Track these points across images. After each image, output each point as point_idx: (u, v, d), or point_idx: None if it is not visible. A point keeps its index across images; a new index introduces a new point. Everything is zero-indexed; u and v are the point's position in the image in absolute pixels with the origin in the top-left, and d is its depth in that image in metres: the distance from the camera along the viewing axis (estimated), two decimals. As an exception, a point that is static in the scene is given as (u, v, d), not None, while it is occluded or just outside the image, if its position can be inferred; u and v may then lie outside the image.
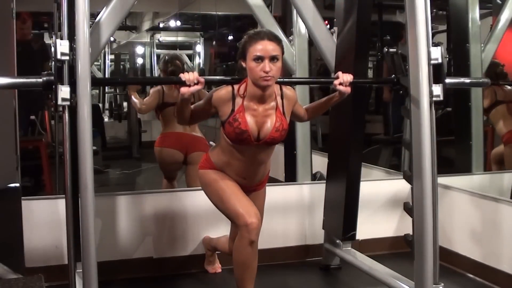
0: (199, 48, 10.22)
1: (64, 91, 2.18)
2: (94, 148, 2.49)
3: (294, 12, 3.95)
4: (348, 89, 2.62)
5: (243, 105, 2.55)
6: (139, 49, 10.46)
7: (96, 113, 6.99)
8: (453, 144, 4.48)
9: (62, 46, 2.18)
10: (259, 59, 2.46)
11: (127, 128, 8.06)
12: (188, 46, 10.37)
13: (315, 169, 4.22)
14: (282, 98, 2.62)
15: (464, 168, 4.26)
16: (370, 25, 3.34)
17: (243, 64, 2.53)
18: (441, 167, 2.72)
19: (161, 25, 9.61)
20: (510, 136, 4.54)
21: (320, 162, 4.09)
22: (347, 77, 2.61)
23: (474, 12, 4.24)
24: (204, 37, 10.08)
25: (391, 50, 2.79)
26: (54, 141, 4.95)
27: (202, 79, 2.45)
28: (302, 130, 4.16)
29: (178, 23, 9.51)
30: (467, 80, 3.60)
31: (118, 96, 9.34)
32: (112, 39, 8.73)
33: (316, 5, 3.32)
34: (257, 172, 2.71)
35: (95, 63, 9.26)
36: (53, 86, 2.18)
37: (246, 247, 2.55)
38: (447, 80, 2.58)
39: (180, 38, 10.19)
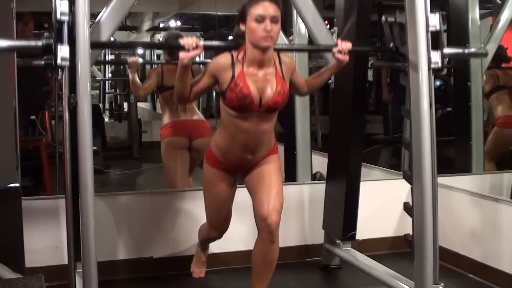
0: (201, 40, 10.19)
1: (63, 51, 2.17)
2: (94, 148, 2.49)
3: (294, 12, 3.94)
4: (346, 58, 2.63)
5: (243, 70, 2.54)
6: (139, 49, 10.44)
7: (96, 113, 6.99)
8: (453, 144, 4.48)
9: (61, 6, 2.17)
10: (260, 19, 2.46)
11: (127, 128, 8.05)
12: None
13: (315, 169, 4.22)
14: (280, 64, 2.63)
15: (464, 168, 4.26)
16: (370, 25, 3.34)
17: (242, 28, 2.54)
18: (441, 167, 2.72)
19: (161, 25, 9.59)
20: (504, 120, 4.54)
21: (320, 162, 4.09)
22: (346, 45, 2.62)
23: (474, 12, 4.24)
24: (204, 37, 10.08)
25: (389, 19, 2.78)
26: (54, 141, 4.95)
27: (200, 43, 2.45)
28: (302, 130, 4.16)
29: (178, 23, 9.50)
30: (466, 50, 3.56)
31: (118, 96, 9.34)
32: (112, 39, 8.72)
33: (316, 5, 3.31)
34: (262, 143, 2.67)
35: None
36: (53, 48, 2.17)
37: (210, 231, 2.99)
38: (446, 50, 2.58)
39: (180, 38, 10.18)
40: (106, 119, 8.94)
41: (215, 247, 3.37)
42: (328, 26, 3.36)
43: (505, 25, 4.37)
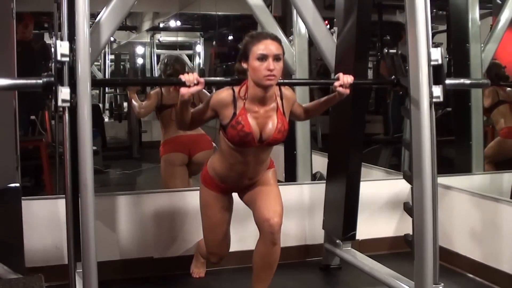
0: (199, 48, 10.22)
1: (64, 93, 2.18)
2: (94, 148, 2.49)
3: (294, 12, 3.94)
4: (347, 91, 2.62)
5: (244, 107, 2.54)
6: (139, 49, 10.45)
7: (96, 113, 6.98)
8: (453, 144, 4.48)
9: (62, 47, 2.18)
10: (263, 58, 2.45)
11: (127, 128, 8.06)
12: (188, 46, 10.36)
13: (315, 169, 4.22)
14: (281, 99, 2.63)
15: (464, 168, 4.26)
16: (370, 25, 3.34)
17: (245, 66, 2.53)
18: (441, 167, 2.72)
19: (161, 25, 9.60)
20: (508, 131, 4.58)
21: (320, 162, 4.09)
22: (348, 79, 2.60)
23: (474, 12, 4.24)
24: (204, 37, 10.08)
25: (391, 51, 2.79)
26: (54, 141, 4.95)
27: (202, 79, 2.44)
28: (302, 130, 4.16)
29: (178, 23, 9.51)
30: (467, 81, 3.59)
31: (118, 96, 9.33)
32: (112, 39, 8.72)
33: (316, 5, 3.32)
34: (259, 170, 2.72)
35: (95, 63, 9.26)
36: (53, 88, 2.18)
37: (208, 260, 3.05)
38: (447, 81, 2.58)
39: (180, 38, 10.19)
40: (106, 119, 8.94)
41: (215, 247, 3.36)
42: (328, 26, 3.36)
43: (505, 25, 4.37)
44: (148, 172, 6.85)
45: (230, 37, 9.75)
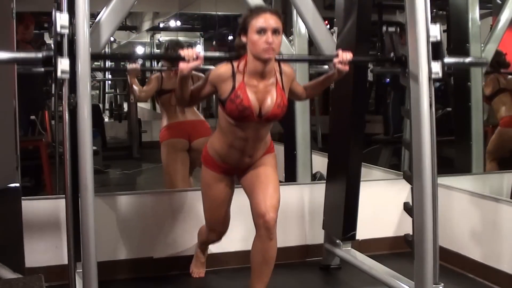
0: (199, 48, 10.23)
1: (63, 64, 2.17)
2: (94, 148, 2.49)
3: (294, 12, 3.94)
4: (346, 68, 2.62)
5: (243, 81, 2.54)
6: (139, 49, 10.46)
7: (96, 113, 6.99)
8: (453, 144, 4.48)
9: (61, 19, 2.17)
10: (261, 31, 2.46)
11: (127, 128, 8.06)
12: (188, 46, 10.34)
13: (315, 169, 4.21)
14: (281, 74, 2.63)
15: (464, 168, 4.26)
16: (370, 25, 3.34)
17: (244, 39, 2.53)
18: (441, 167, 2.72)
19: (161, 25, 9.60)
20: (508, 120, 4.56)
21: (320, 162, 4.09)
22: (347, 56, 2.61)
23: (474, 12, 4.24)
24: (204, 37, 10.08)
25: (390, 29, 2.78)
26: (54, 141, 4.94)
27: (201, 54, 2.45)
28: (302, 130, 4.15)
29: (178, 23, 9.51)
30: (466, 60, 3.57)
31: (118, 96, 9.34)
32: (112, 39, 8.73)
33: (316, 5, 3.32)
34: (260, 147, 2.71)
35: (95, 63, 9.26)
36: (53, 60, 2.17)
37: (210, 233, 3.00)
38: (446, 60, 2.58)
39: (180, 38, 10.18)
40: (106, 119, 8.95)
41: (214, 247, 3.37)
42: (328, 26, 3.36)
43: (505, 25, 4.37)
44: (148, 172, 6.85)
45: (230, 37, 9.75)
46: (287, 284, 3.29)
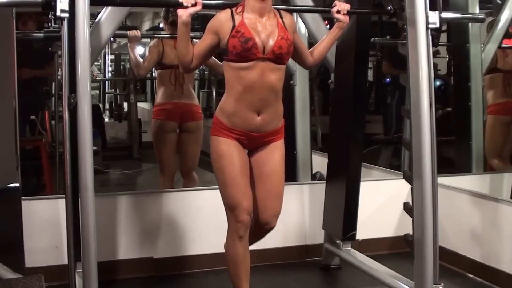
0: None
1: (63, 2, 2.18)
2: (94, 148, 2.49)
3: (294, 12, 3.94)
4: (346, 18, 2.63)
5: (243, 20, 2.52)
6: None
7: (96, 113, 6.99)
8: (453, 144, 4.48)
9: None
10: None
11: (127, 128, 8.05)
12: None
13: (315, 169, 4.21)
14: (282, 18, 2.61)
15: (464, 168, 4.26)
16: (370, 25, 3.34)
17: None
18: (441, 167, 2.72)
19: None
20: (495, 109, 4.46)
21: (320, 162, 4.09)
22: (344, 5, 2.62)
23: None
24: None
25: None
26: (54, 141, 4.95)
27: (199, 0, 2.44)
28: (302, 130, 4.16)
29: (178, 23, 9.49)
30: (464, 15, 3.62)
31: (118, 96, 9.33)
32: (112, 39, 8.71)
33: (316, 5, 3.32)
34: (269, 102, 2.55)
35: (95, 63, 9.26)
36: (52, 3, 2.18)
37: (236, 242, 2.57)
38: (443, 15, 2.60)
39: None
40: (106, 119, 8.94)
41: (214, 247, 3.36)
42: (328, 26, 3.36)
43: (505, 25, 4.37)
44: (148, 172, 6.84)
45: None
46: (287, 284, 3.29)
